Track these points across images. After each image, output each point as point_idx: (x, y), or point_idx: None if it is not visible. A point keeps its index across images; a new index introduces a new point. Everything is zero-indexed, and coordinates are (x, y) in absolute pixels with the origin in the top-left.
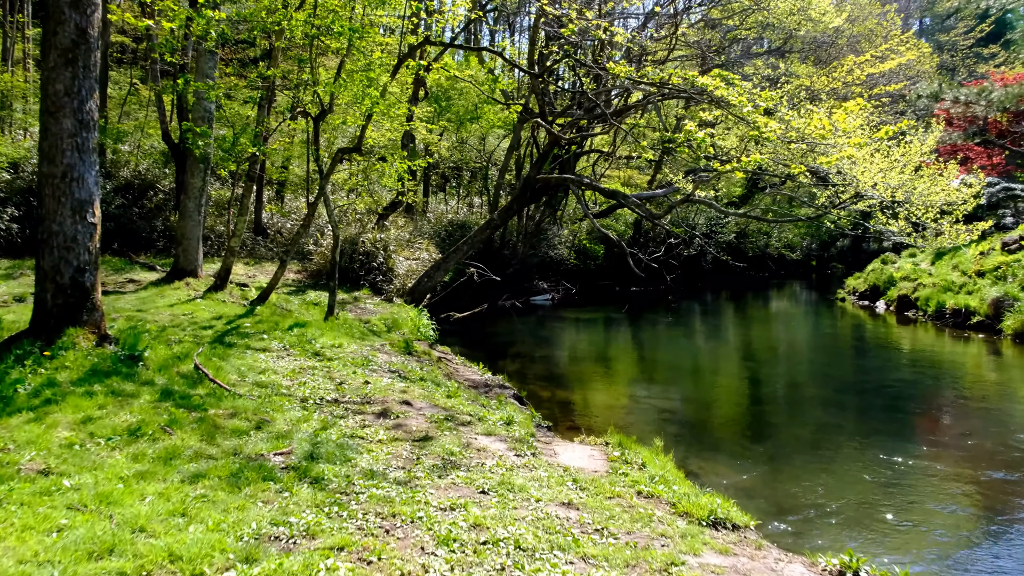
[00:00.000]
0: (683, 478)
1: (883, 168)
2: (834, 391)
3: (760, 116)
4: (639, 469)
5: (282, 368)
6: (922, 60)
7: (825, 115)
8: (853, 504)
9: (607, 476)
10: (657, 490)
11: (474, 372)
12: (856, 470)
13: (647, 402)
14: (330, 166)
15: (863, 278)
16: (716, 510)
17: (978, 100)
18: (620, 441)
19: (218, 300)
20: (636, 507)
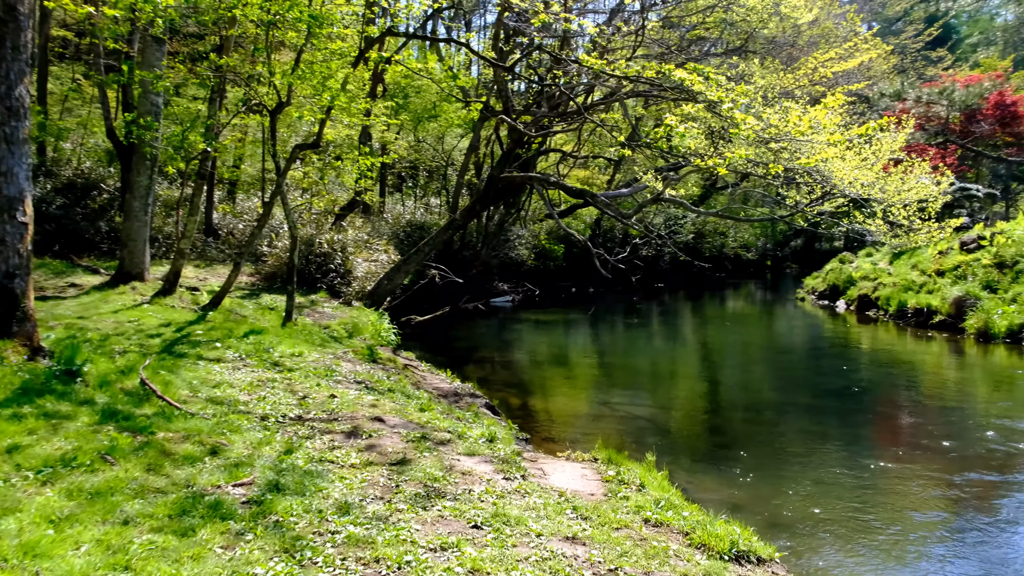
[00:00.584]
0: (685, 500)
1: (856, 166)
2: (805, 394)
3: (738, 112)
4: (638, 491)
5: (239, 381)
6: (881, 60)
7: (802, 112)
8: (841, 515)
9: (607, 501)
10: (666, 517)
11: (442, 380)
12: (838, 476)
13: (622, 409)
14: (287, 163)
15: (822, 278)
16: (738, 541)
17: (939, 100)
18: (610, 457)
19: (167, 305)
20: (648, 540)
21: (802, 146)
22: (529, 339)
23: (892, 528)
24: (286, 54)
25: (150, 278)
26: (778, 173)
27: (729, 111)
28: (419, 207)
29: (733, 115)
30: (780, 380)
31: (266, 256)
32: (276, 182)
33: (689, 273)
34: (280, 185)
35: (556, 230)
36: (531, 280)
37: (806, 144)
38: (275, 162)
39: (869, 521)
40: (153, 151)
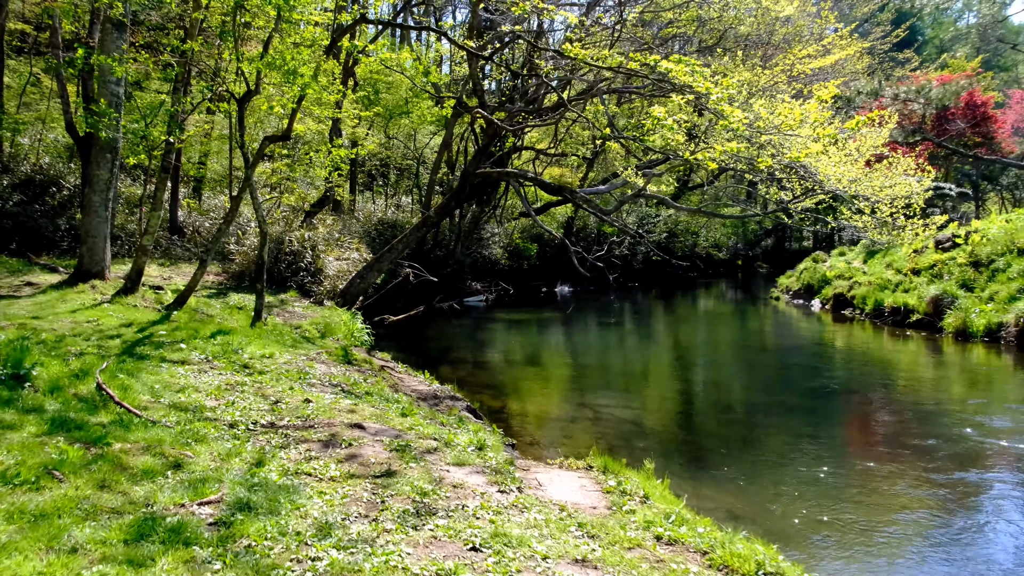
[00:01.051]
0: (695, 513)
1: (838, 161)
2: (787, 394)
3: (726, 105)
4: (643, 503)
5: (205, 385)
6: (855, 59)
7: (792, 105)
8: (840, 519)
9: (612, 515)
10: (679, 534)
11: (420, 382)
12: (829, 479)
13: (605, 411)
14: (256, 155)
15: (795, 277)
16: (764, 562)
17: (917, 98)
18: (606, 465)
19: (128, 305)
20: (665, 562)
21: (787, 140)
22: (504, 339)
23: (891, 531)
24: (254, 47)
25: (111, 276)
26: (759, 170)
27: (717, 103)
28: (390, 206)
29: (721, 107)
30: (760, 380)
31: (234, 254)
32: (245, 175)
33: (661, 272)
34: (249, 178)
35: (530, 229)
36: (504, 279)
37: (792, 139)
38: (243, 154)
39: (870, 526)
40: (112, 141)
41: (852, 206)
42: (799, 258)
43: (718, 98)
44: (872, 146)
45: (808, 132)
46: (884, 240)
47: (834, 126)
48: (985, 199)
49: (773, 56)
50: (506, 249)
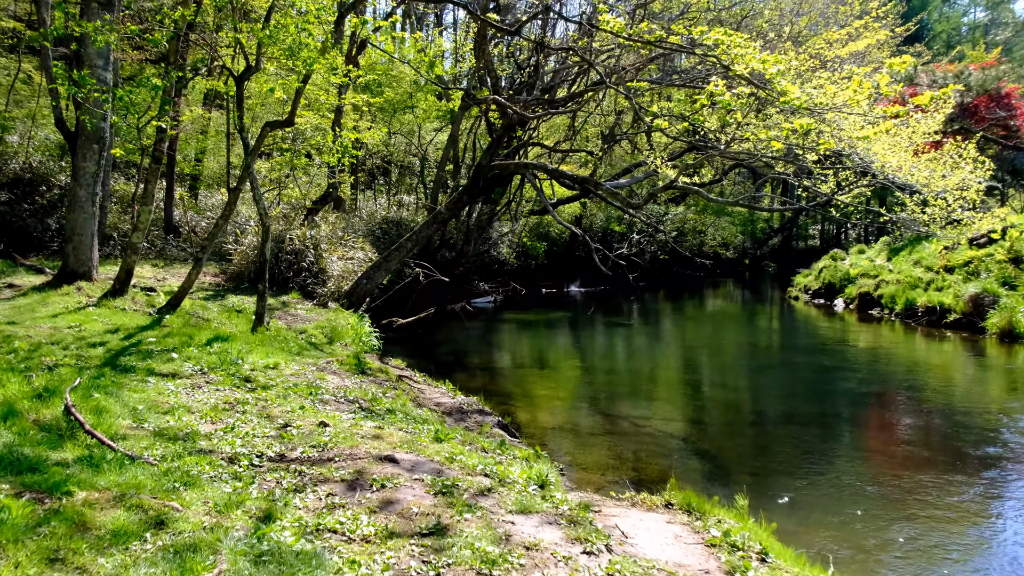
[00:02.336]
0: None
1: (892, 147)
2: (829, 401)
3: (786, 81)
4: (761, 561)
5: (199, 404)
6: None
7: (863, 78)
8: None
9: None
10: None
11: (443, 393)
12: (907, 498)
13: (645, 424)
14: (257, 141)
15: (814, 275)
16: None
17: (955, 83)
18: (690, 503)
19: (116, 308)
20: None
21: (845, 122)
22: (519, 342)
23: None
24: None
25: (99, 277)
26: (797, 159)
27: (775, 76)
28: (393, 204)
29: (778, 84)
30: (797, 386)
31: (232, 254)
32: (244, 162)
33: (668, 272)
34: (249, 166)
35: (536, 228)
36: (511, 280)
37: (852, 119)
38: (242, 139)
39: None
40: (99, 131)
41: (913, 197)
42: (807, 257)
43: (777, 70)
44: (925, 132)
45: (868, 112)
46: (941, 234)
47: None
48: (1007, 194)
49: (798, 42)
50: (514, 249)
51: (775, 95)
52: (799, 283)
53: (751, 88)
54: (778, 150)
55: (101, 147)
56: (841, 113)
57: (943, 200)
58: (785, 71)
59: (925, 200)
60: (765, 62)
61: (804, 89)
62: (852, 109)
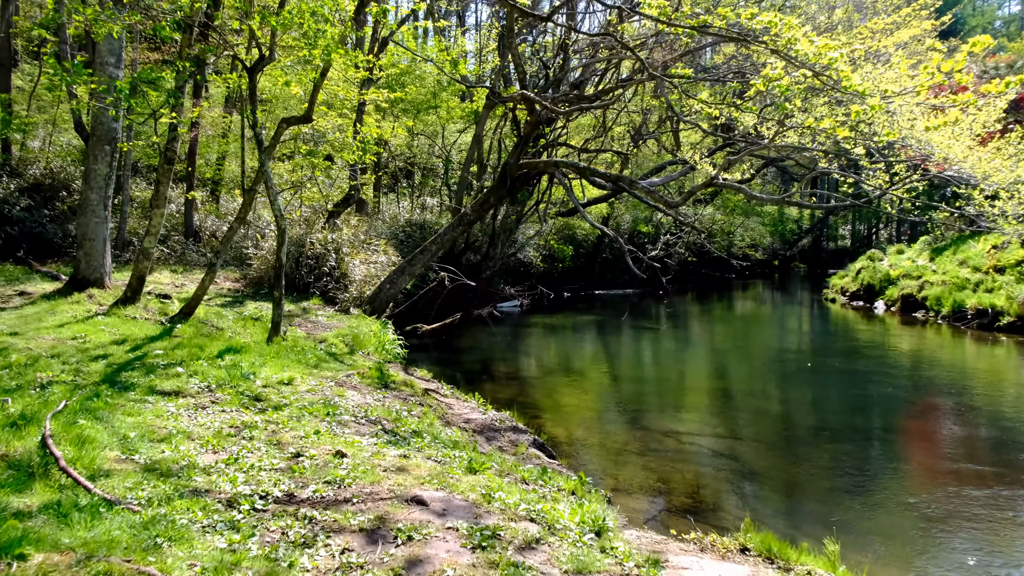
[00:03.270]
0: None
1: (954, 137)
2: (890, 414)
3: (843, 66)
4: None
5: (200, 429)
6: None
7: (939, 60)
8: None
9: None
10: None
11: (472, 408)
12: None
13: (691, 442)
14: (273, 138)
15: (851, 277)
16: None
17: (1008, 74)
18: (771, 548)
19: (126, 317)
20: None
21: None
22: (548, 348)
23: None
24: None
25: (111, 284)
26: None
27: (834, 61)
28: (416, 207)
29: (837, 71)
30: (851, 396)
31: (251, 259)
32: (260, 159)
33: (696, 274)
34: (264, 164)
35: (562, 230)
36: (538, 283)
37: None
38: (255, 134)
39: None
40: (111, 131)
41: (977, 192)
42: (838, 257)
43: (835, 55)
44: (985, 123)
45: (930, 99)
46: (1009, 231)
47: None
48: None
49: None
50: (540, 251)
51: (831, 81)
52: (835, 284)
53: (804, 72)
54: (845, 138)
55: (113, 149)
56: (907, 101)
57: (1017, 194)
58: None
59: (993, 195)
60: (824, 47)
61: (863, 75)
62: (920, 96)
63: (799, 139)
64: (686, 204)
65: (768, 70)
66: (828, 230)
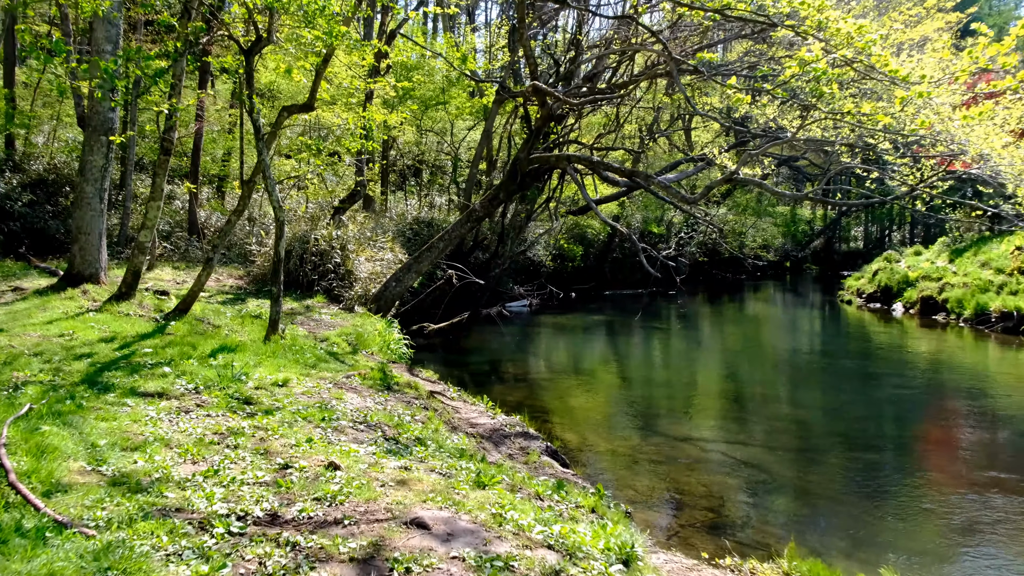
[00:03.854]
0: None
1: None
2: (919, 423)
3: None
4: None
5: (181, 436)
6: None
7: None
8: None
9: None
10: None
11: (480, 412)
12: None
13: (713, 451)
14: (274, 126)
15: (867, 278)
16: None
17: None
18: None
19: (119, 314)
20: None
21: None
22: (558, 349)
23: None
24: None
25: (107, 280)
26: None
27: (871, 43)
28: (424, 205)
29: (874, 54)
30: (874, 402)
31: (255, 256)
32: (257, 148)
33: (707, 274)
34: (261, 153)
35: (572, 229)
36: (547, 282)
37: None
38: (253, 122)
39: None
40: (107, 121)
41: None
42: (851, 259)
43: (874, 39)
44: (1021, 117)
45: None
46: None
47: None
48: None
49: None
50: (550, 250)
51: (865, 67)
52: (851, 286)
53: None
54: (884, 126)
55: (109, 139)
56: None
57: None
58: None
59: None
60: (858, 29)
61: (897, 62)
62: (960, 79)
63: (822, 133)
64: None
65: (803, 51)
66: (841, 231)
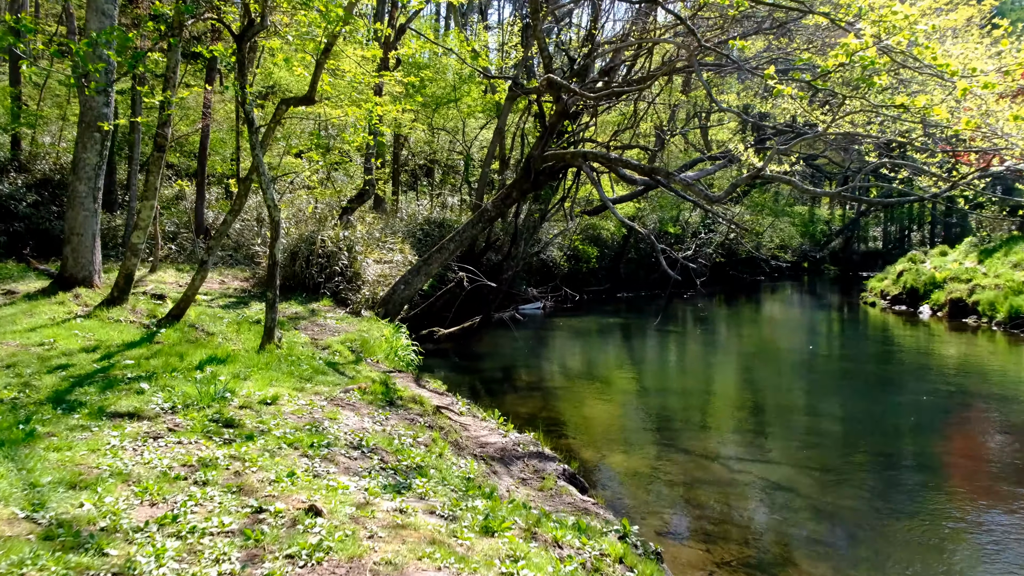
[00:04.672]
0: None
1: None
2: (969, 438)
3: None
4: None
5: (143, 469)
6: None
7: None
8: None
9: None
10: None
11: (491, 429)
12: None
13: (742, 470)
14: (271, 119)
15: (891, 279)
16: None
17: None
18: None
19: (108, 320)
20: None
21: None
22: (573, 354)
23: None
24: None
25: (101, 284)
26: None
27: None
28: (436, 205)
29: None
30: (917, 413)
31: (260, 257)
32: (250, 142)
33: (723, 275)
34: (255, 146)
35: (588, 229)
36: (562, 284)
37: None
38: (244, 111)
39: None
40: (101, 115)
41: None
42: (870, 259)
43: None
44: None
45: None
46: None
47: None
48: None
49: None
50: (564, 251)
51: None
52: (874, 287)
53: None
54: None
55: (104, 135)
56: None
57: None
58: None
59: None
60: (909, 18)
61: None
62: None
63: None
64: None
65: (851, 38)
66: (859, 231)
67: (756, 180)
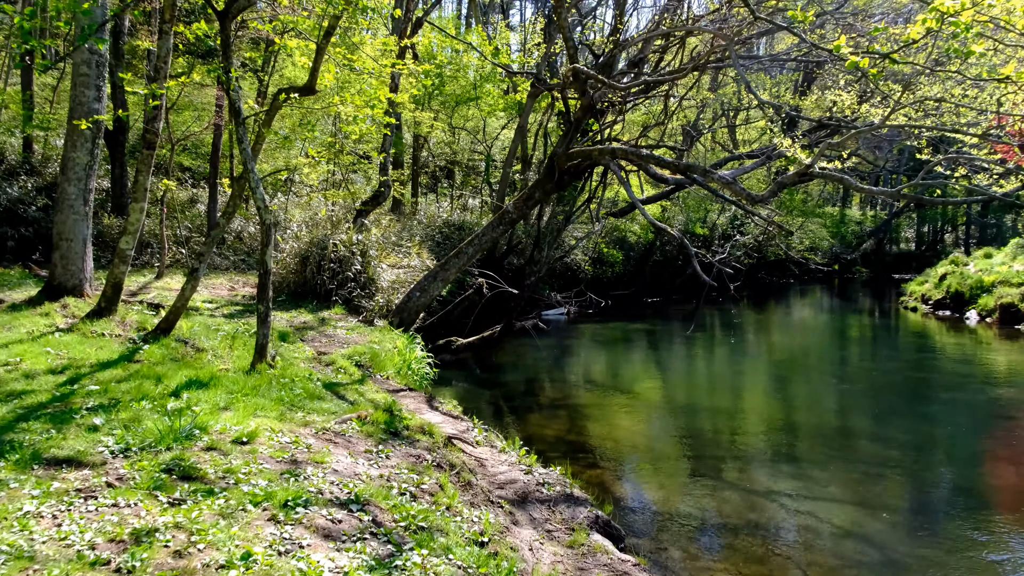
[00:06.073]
0: None
1: None
2: None
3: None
4: None
5: (53, 550)
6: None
7: None
8: None
9: None
10: None
11: (510, 464)
12: None
13: (804, 511)
14: (268, 111)
15: (933, 283)
16: None
17: None
18: None
19: (91, 334)
20: None
21: None
22: (600, 365)
23: None
24: None
25: (92, 292)
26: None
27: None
28: (456, 207)
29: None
30: (991, 440)
31: (274, 261)
32: (236, 135)
33: (752, 278)
34: (241, 140)
35: (613, 232)
36: (586, 289)
37: None
38: (229, 97)
39: None
40: (90, 104)
41: None
42: (903, 261)
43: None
44: None
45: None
46: None
47: None
48: None
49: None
50: (589, 255)
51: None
52: (914, 291)
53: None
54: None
55: (94, 133)
56: None
57: None
58: None
59: None
60: None
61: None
62: None
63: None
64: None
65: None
66: (892, 233)
67: (808, 177)
